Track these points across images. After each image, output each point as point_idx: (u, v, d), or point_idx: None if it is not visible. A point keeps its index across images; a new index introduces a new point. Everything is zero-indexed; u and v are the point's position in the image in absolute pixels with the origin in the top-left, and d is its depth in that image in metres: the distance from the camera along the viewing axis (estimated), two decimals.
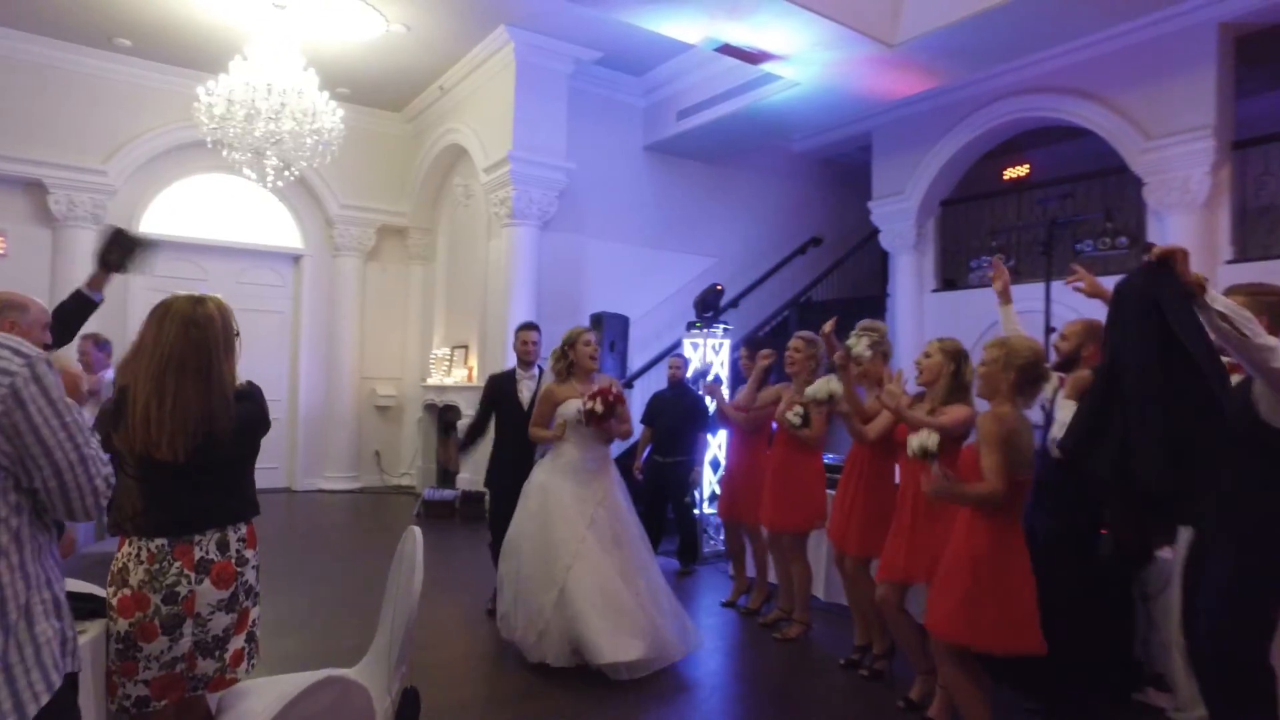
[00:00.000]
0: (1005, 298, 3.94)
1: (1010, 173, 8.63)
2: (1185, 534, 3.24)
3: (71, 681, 1.55)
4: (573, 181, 8.59)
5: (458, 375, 9.38)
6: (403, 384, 10.75)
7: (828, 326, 4.28)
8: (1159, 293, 2.51)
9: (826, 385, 4.19)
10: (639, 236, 9.53)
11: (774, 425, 4.95)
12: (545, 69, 8.29)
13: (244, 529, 2.27)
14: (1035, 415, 3.41)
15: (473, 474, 8.97)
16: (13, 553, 1.41)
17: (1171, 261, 2.48)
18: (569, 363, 4.31)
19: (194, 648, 2.12)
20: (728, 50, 6.84)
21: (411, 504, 9.04)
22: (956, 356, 3.46)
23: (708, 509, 6.94)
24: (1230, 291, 2.73)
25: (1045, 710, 3.47)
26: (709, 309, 7.53)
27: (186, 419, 2.09)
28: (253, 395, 2.34)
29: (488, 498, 5.24)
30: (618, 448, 9.01)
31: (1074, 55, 7.34)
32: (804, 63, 7.02)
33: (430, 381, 9.83)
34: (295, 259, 10.14)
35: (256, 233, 9.83)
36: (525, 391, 4.84)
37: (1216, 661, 2.73)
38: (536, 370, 4.95)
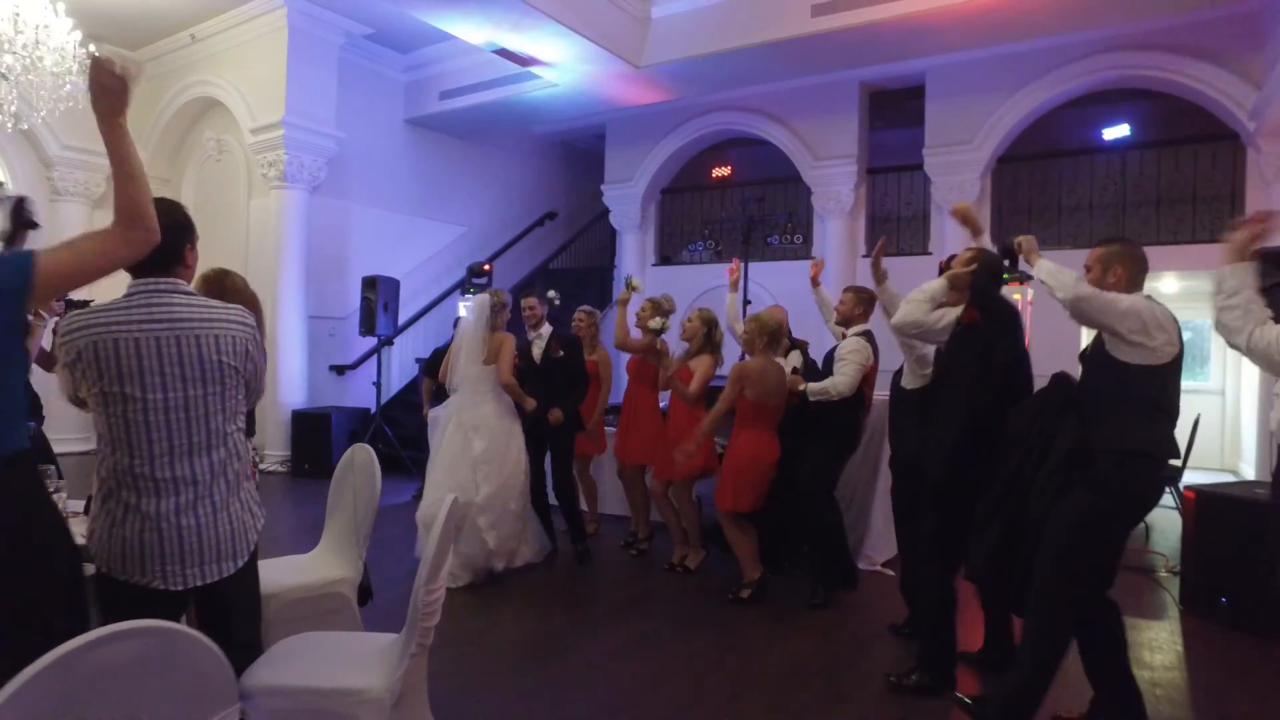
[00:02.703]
0: (734, 288, 5.54)
1: (717, 171, 10.62)
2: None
3: None
4: (340, 149, 9.02)
5: None
6: None
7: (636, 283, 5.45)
8: None
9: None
10: (399, 204, 10.18)
11: None
12: (317, 38, 8.62)
13: None
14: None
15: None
16: (241, 430, 2.28)
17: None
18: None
19: None
20: (503, 53, 7.89)
21: None
22: (709, 322, 5.03)
23: None
24: (845, 290, 4.43)
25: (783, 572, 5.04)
26: (478, 277, 8.63)
27: None
28: None
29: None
30: (387, 393, 9.70)
31: (770, 86, 9.37)
32: (565, 71, 8.31)
33: None
34: None
35: None
36: (535, 349, 5.46)
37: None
38: (547, 329, 5.50)
